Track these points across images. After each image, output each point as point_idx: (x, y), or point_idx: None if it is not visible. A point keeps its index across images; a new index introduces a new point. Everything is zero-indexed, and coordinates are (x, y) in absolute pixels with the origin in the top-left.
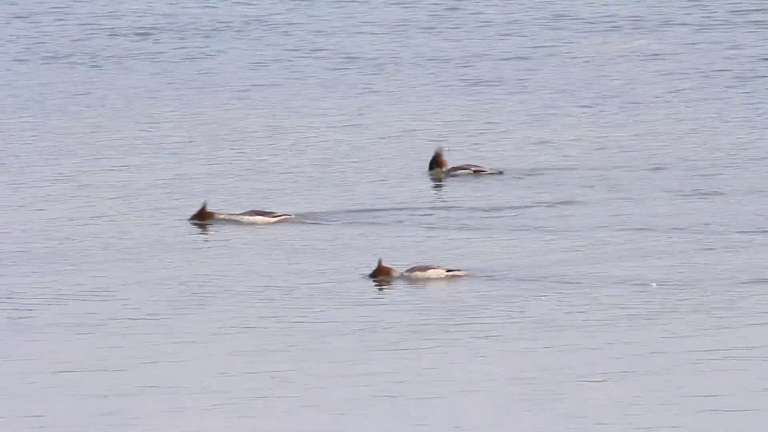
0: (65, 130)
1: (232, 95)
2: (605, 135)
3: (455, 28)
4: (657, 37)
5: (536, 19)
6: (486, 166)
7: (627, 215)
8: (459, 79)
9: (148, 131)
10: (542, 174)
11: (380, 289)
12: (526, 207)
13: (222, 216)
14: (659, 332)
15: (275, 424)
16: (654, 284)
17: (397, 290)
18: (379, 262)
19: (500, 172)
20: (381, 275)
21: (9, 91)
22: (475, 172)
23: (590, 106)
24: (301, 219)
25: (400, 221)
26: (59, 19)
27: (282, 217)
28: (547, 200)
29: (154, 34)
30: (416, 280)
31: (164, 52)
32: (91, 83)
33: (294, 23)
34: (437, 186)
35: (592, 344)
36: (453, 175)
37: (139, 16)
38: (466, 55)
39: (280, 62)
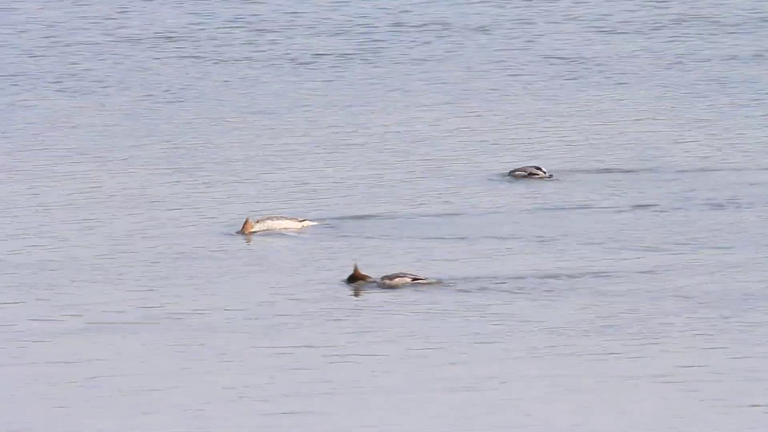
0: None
1: (439, 98)
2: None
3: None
4: None
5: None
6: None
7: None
8: (670, 81)
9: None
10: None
11: (357, 294)
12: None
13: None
14: None
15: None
16: None
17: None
18: (355, 268)
19: (550, 176)
20: (357, 281)
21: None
22: (529, 174)
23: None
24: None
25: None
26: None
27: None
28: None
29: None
30: (386, 286)
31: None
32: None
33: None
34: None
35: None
36: (514, 177)
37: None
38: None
39: (504, 65)
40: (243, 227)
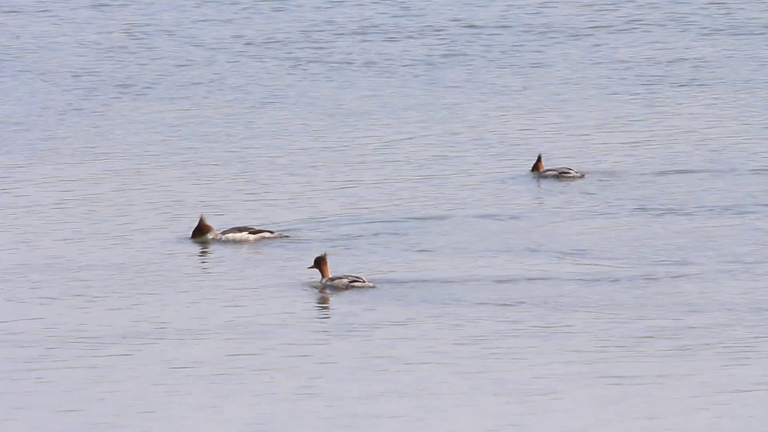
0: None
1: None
2: None
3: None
4: None
5: None
6: (575, 169)
7: None
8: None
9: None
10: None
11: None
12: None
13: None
14: None
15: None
16: None
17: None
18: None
19: (582, 176)
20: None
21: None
22: (560, 174)
23: None
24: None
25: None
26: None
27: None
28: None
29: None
30: (331, 287)
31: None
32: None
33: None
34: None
35: None
36: (544, 177)
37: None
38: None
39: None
40: (196, 231)
